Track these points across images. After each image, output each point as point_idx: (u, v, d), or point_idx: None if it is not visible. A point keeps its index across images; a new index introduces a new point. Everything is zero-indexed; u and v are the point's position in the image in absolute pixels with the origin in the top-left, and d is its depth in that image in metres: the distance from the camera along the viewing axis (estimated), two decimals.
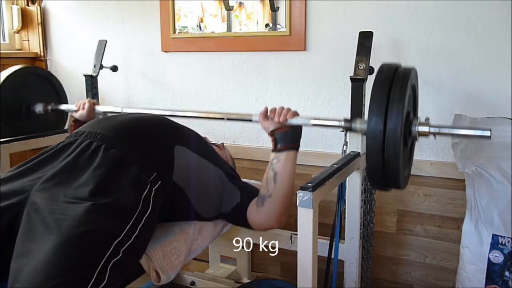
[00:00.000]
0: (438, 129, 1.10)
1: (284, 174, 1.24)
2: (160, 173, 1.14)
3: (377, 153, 1.04)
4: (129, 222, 1.00)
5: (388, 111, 1.02)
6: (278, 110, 1.28)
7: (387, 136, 1.02)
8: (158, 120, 1.37)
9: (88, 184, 1.03)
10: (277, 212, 1.25)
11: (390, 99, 1.02)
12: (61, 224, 0.92)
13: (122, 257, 0.94)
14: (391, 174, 1.07)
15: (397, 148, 1.02)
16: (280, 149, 1.26)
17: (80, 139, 1.15)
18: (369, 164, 1.08)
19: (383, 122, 1.02)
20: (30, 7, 2.31)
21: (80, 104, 1.63)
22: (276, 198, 1.24)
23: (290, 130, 1.27)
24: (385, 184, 1.13)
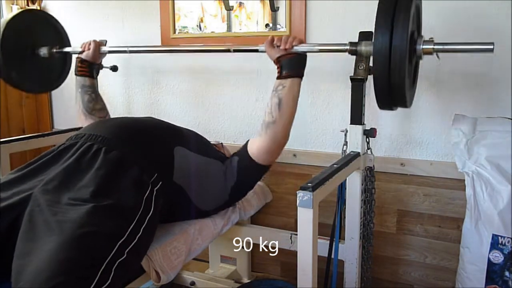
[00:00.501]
0: (442, 46, 1.15)
1: (289, 100, 1.27)
2: (161, 174, 1.15)
3: (383, 68, 1.08)
4: (131, 222, 1.00)
5: (393, 26, 1.06)
6: (284, 38, 1.31)
7: (393, 52, 1.06)
8: (157, 122, 1.38)
9: (89, 185, 1.03)
10: (281, 136, 1.29)
11: (395, 18, 1.06)
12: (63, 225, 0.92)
13: (127, 257, 0.94)
14: (397, 90, 1.11)
15: (403, 61, 1.06)
16: (285, 75, 1.29)
17: (81, 141, 1.15)
18: (376, 80, 1.12)
19: (389, 37, 1.06)
20: (30, 7, 2.31)
21: (86, 44, 1.66)
22: (280, 123, 1.27)
23: (296, 57, 1.30)
24: (391, 102, 1.16)
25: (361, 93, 1.34)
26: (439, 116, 1.59)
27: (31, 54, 1.78)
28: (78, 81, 1.64)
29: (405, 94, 1.14)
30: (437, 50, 1.17)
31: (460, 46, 1.18)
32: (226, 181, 1.34)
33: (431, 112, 1.60)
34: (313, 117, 1.79)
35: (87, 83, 1.63)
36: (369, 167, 1.42)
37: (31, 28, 1.78)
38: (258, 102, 1.89)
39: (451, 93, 1.56)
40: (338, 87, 1.73)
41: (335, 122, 1.75)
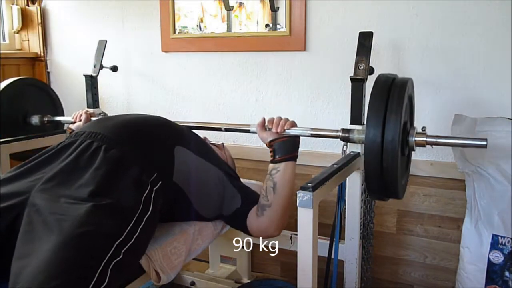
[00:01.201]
0: (435, 139, 1.12)
1: (283, 184, 1.24)
2: (161, 174, 1.15)
3: (375, 164, 1.05)
4: (130, 222, 1.00)
5: (385, 122, 1.04)
6: (276, 121, 1.29)
7: (385, 148, 1.03)
8: (158, 121, 1.37)
9: (88, 184, 1.03)
10: (277, 221, 1.25)
11: (388, 111, 1.04)
12: (62, 225, 0.92)
13: (123, 257, 0.94)
14: (389, 184, 1.08)
15: (395, 159, 1.04)
16: (278, 159, 1.26)
17: (80, 139, 1.15)
18: (368, 175, 1.09)
19: (380, 134, 1.03)
20: (30, 7, 2.31)
21: (77, 115, 1.62)
22: (275, 207, 1.24)
23: (288, 140, 1.27)
24: (383, 194, 1.14)
25: (361, 93, 1.34)
26: (439, 116, 1.59)
27: (23, 122, 1.81)
28: None
29: (398, 189, 1.11)
30: (429, 142, 1.13)
31: (453, 140, 1.15)
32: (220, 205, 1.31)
33: (431, 112, 1.60)
34: (313, 117, 1.79)
35: None
36: None
37: (24, 96, 1.82)
38: (258, 102, 1.89)
39: (451, 93, 1.56)
40: (338, 87, 1.73)
41: (335, 122, 1.75)
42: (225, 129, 1.47)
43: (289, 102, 1.82)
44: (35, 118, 1.82)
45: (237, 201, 1.31)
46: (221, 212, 1.32)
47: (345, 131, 1.25)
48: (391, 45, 1.61)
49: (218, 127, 1.48)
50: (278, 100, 1.85)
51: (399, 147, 1.03)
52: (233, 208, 1.30)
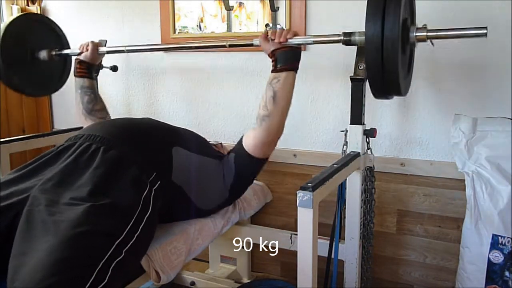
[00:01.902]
0: (435, 33, 1.14)
1: (283, 94, 1.27)
2: (159, 174, 1.15)
3: (376, 56, 1.07)
4: (129, 222, 1.00)
5: (385, 14, 1.05)
6: (278, 31, 1.32)
7: (385, 38, 1.05)
8: (155, 122, 1.39)
9: (87, 184, 1.03)
10: (274, 131, 1.30)
11: (386, 6, 1.06)
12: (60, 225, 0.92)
13: (125, 257, 0.94)
14: (391, 78, 1.10)
15: (395, 50, 1.05)
16: (280, 69, 1.29)
17: (79, 141, 1.16)
18: (369, 69, 1.11)
19: (380, 26, 1.05)
20: (30, 7, 2.31)
21: (84, 45, 1.66)
22: (275, 116, 1.28)
23: (290, 50, 1.30)
24: (386, 90, 1.15)
25: (361, 93, 1.34)
26: (439, 116, 1.59)
27: (31, 57, 1.79)
28: (77, 82, 1.65)
29: (399, 82, 1.12)
30: (430, 37, 1.15)
31: (454, 32, 1.16)
32: (225, 178, 1.34)
33: (431, 112, 1.60)
34: (313, 117, 1.79)
35: (86, 84, 1.64)
36: (369, 167, 1.42)
37: (30, 32, 1.79)
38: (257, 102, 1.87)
39: (451, 93, 1.56)
40: (338, 87, 1.73)
41: (335, 122, 1.75)
42: (229, 45, 1.49)
43: None
44: (43, 53, 1.79)
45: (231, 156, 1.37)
46: (225, 186, 1.34)
47: (347, 34, 1.26)
48: None
49: (223, 44, 1.50)
50: None
51: (399, 40, 1.05)
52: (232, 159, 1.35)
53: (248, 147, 1.32)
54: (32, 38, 1.80)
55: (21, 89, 1.78)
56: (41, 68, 1.82)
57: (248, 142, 1.32)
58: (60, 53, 1.81)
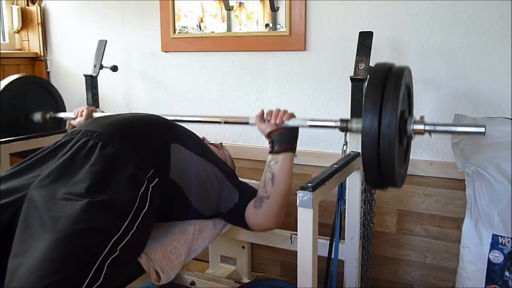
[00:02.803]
0: (433, 127, 1.12)
1: (282, 176, 1.24)
2: (157, 171, 1.14)
3: (372, 150, 1.05)
4: (126, 219, 1.00)
5: (382, 109, 1.03)
6: (274, 112, 1.29)
7: (381, 133, 1.03)
8: (154, 119, 1.37)
9: (84, 181, 1.03)
10: (275, 213, 1.26)
11: (384, 98, 1.04)
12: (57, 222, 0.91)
13: (120, 254, 0.94)
14: (387, 171, 1.08)
15: (392, 145, 1.03)
16: (277, 150, 1.26)
17: (77, 137, 1.15)
18: (365, 162, 1.09)
19: (377, 120, 1.03)
20: (30, 7, 2.31)
21: (78, 111, 1.64)
22: (274, 199, 1.24)
23: (287, 132, 1.28)
24: (381, 183, 1.14)
25: (361, 93, 1.34)
26: (439, 116, 1.59)
27: (24, 119, 1.81)
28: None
29: (395, 177, 1.11)
30: (428, 130, 1.13)
31: (452, 127, 1.16)
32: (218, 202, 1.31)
33: (431, 112, 1.60)
34: (313, 116, 1.78)
35: None
36: None
37: (26, 94, 1.82)
38: (258, 102, 1.89)
39: (451, 93, 1.56)
40: (338, 87, 1.73)
41: None
42: (224, 122, 1.47)
43: (289, 102, 1.82)
44: (37, 115, 1.81)
45: (235, 197, 1.31)
46: (219, 209, 1.32)
47: (343, 121, 1.24)
48: (391, 45, 1.61)
49: (218, 121, 1.48)
50: (278, 100, 1.85)
51: (396, 134, 1.04)
52: (231, 204, 1.31)
53: (248, 220, 1.29)
54: (27, 100, 1.82)
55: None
56: (34, 130, 1.83)
57: (249, 217, 1.29)
58: (54, 117, 1.83)
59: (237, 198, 1.31)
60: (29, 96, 1.83)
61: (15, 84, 1.77)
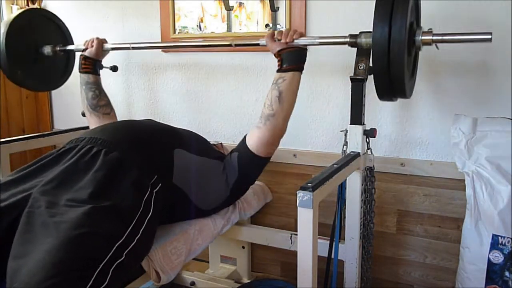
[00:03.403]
0: (441, 37, 1.17)
1: (289, 93, 1.29)
2: (161, 176, 1.15)
3: (383, 58, 1.10)
4: (130, 224, 1.00)
5: (392, 18, 1.08)
6: (285, 32, 1.33)
7: (392, 44, 1.08)
8: (156, 124, 1.40)
9: (88, 187, 1.03)
10: (278, 131, 1.31)
11: (394, 10, 1.08)
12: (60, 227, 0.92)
13: (125, 259, 0.94)
14: (396, 80, 1.12)
15: (402, 52, 1.08)
16: (286, 68, 1.30)
17: (81, 144, 1.16)
18: (376, 70, 1.13)
19: (388, 27, 1.08)
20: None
21: (89, 42, 1.70)
22: (280, 115, 1.28)
23: (296, 51, 1.32)
24: (391, 92, 1.18)
25: (361, 93, 1.34)
26: (439, 116, 1.59)
27: (34, 52, 1.80)
28: (82, 78, 1.67)
29: (405, 85, 1.15)
30: (435, 40, 1.18)
31: (459, 36, 1.19)
32: (227, 177, 1.34)
33: (431, 112, 1.60)
34: (313, 117, 1.79)
35: (91, 80, 1.66)
36: (369, 167, 1.42)
37: (35, 27, 1.81)
38: (258, 102, 1.89)
39: (451, 93, 1.56)
40: (338, 87, 1.73)
41: (335, 122, 1.75)
42: (235, 45, 1.50)
43: None
44: (47, 48, 1.81)
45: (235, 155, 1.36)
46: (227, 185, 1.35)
47: (353, 36, 1.28)
48: None
49: (228, 43, 1.51)
50: None
51: (405, 43, 1.08)
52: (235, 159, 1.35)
53: (252, 146, 1.32)
54: (37, 33, 1.81)
55: (24, 83, 1.80)
56: (44, 63, 1.84)
57: (252, 141, 1.33)
58: (64, 49, 1.82)
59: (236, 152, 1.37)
60: (38, 30, 1.82)
61: (24, 17, 1.76)
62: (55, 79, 1.93)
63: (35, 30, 1.80)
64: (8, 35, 1.67)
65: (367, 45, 1.26)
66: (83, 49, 1.70)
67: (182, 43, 1.73)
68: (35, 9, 1.96)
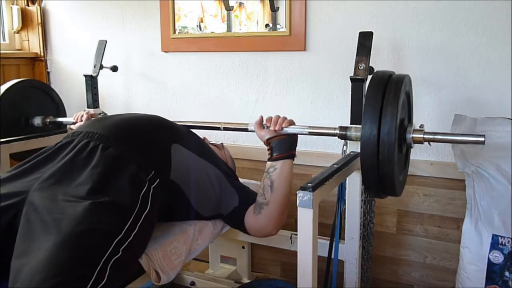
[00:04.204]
0: (432, 136, 1.12)
1: (281, 182, 1.24)
2: (158, 172, 1.14)
3: (372, 158, 1.05)
4: (128, 220, 1.00)
5: (382, 117, 1.04)
6: (274, 119, 1.29)
7: (381, 141, 1.03)
8: (154, 119, 1.37)
9: (86, 182, 1.03)
10: (275, 219, 1.26)
11: (384, 105, 1.04)
12: (60, 224, 0.92)
13: (122, 255, 0.94)
14: (386, 179, 1.08)
15: (391, 153, 1.03)
16: (276, 157, 1.26)
17: (78, 139, 1.15)
18: (364, 170, 1.09)
19: (377, 127, 1.04)
20: (30, 7, 2.31)
21: (78, 116, 1.64)
22: (273, 206, 1.24)
23: (286, 138, 1.28)
24: (381, 191, 1.14)
25: (361, 93, 1.34)
26: (439, 116, 1.59)
27: (25, 123, 1.83)
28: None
29: (395, 184, 1.11)
30: (427, 139, 1.13)
31: (451, 137, 1.17)
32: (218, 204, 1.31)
33: (431, 112, 1.60)
34: (313, 117, 1.79)
35: None
36: None
37: (27, 98, 1.84)
38: (258, 103, 1.89)
39: (451, 93, 1.56)
40: (338, 87, 1.73)
41: (335, 122, 1.74)
42: (224, 128, 1.47)
43: (289, 102, 1.82)
44: (37, 120, 1.84)
45: (235, 200, 1.31)
46: (219, 211, 1.32)
47: (343, 129, 1.25)
48: (391, 45, 1.61)
49: (217, 126, 1.49)
50: (278, 100, 1.85)
51: (395, 143, 1.04)
52: (231, 207, 1.30)
53: (247, 225, 1.29)
54: (28, 104, 1.84)
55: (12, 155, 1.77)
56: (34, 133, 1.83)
57: (249, 223, 1.29)
58: (54, 121, 1.85)
59: (237, 202, 1.31)
60: (29, 100, 1.85)
61: (16, 88, 1.78)
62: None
63: (27, 101, 1.84)
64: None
65: (357, 139, 1.22)
66: (72, 123, 1.67)
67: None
68: (29, 80, 1.99)
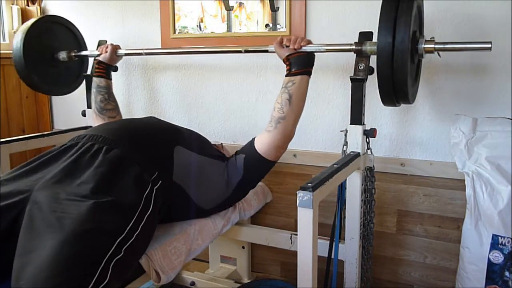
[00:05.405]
0: (443, 45, 1.23)
1: (298, 96, 1.33)
2: (161, 173, 1.15)
3: (387, 65, 1.15)
4: (131, 220, 1.01)
5: (396, 27, 1.14)
6: (293, 39, 1.38)
7: (395, 48, 1.14)
8: (157, 122, 1.40)
9: (89, 182, 1.03)
10: (288, 133, 1.34)
11: (398, 17, 1.14)
12: (64, 222, 0.92)
13: (124, 255, 0.94)
14: (400, 86, 1.17)
15: (405, 60, 1.13)
16: (294, 72, 1.34)
17: (82, 141, 1.16)
18: (380, 79, 1.18)
19: (392, 36, 1.14)
20: (30, 7, 2.31)
21: (103, 47, 1.76)
22: (290, 118, 1.32)
23: (305, 55, 1.36)
24: (395, 98, 1.23)
25: (361, 93, 1.34)
26: (439, 116, 1.59)
27: (50, 58, 1.86)
28: (94, 81, 1.73)
29: (408, 91, 1.19)
30: (437, 49, 1.24)
31: (460, 45, 1.26)
32: (228, 178, 1.35)
33: (431, 112, 1.60)
34: (313, 117, 1.79)
35: (102, 84, 1.72)
36: (369, 167, 1.42)
37: (51, 33, 1.87)
38: (258, 102, 1.89)
39: (451, 93, 1.56)
40: (338, 87, 1.73)
41: (335, 122, 1.75)
42: (245, 51, 1.55)
43: None
44: (62, 54, 1.86)
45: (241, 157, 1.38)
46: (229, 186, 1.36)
47: (358, 44, 1.33)
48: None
49: (239, 50, 1.56)
50: None
51: (408, 50, 1.13)
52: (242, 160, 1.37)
53: (261, 149, 1.34)
54: (53, 40, 1.87)
55: (39, 88, 1.86)
56: (59, 68, 1.90)
57: (262, 144, 1.35)
58: (79, 54, 1.89)
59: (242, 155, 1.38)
60: (54, 36, 1.88)
61: (40, 23, 1.81)
62: (69, 83, 1.99)
63: (51, 36, 1.87)
64: (25, 42, 1.73)
65: (372, 52, 1.31)
66: (97, 54, 1.77)
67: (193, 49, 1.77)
68: (51, 16, 2.02)
